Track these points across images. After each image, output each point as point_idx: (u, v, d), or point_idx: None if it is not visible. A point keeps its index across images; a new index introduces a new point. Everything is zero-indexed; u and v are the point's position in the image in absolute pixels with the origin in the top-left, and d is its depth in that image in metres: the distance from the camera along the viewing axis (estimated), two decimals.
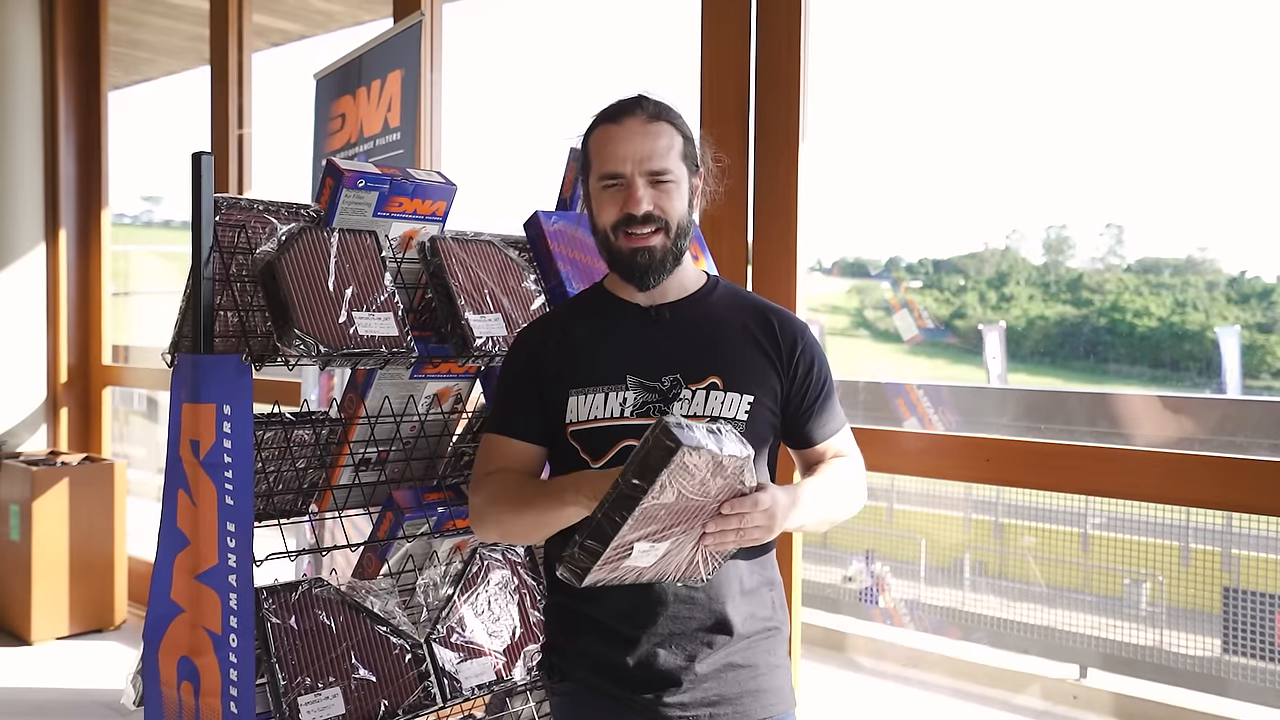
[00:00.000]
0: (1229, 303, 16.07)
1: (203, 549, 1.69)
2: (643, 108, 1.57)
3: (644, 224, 1.55)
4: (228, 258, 1.75)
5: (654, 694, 1.53)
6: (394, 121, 2.76)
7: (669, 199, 1.56)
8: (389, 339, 1.77)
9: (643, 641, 1.54)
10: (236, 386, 1.69)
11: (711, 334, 1.61)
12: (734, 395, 1.57)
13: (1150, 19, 22.05)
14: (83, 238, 5.08)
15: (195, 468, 1.69)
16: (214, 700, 1.68)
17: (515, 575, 2.09)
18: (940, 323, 17.11)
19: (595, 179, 1.59)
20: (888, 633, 6.39)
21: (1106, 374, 16.22)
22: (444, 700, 1.90)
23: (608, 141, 1.57)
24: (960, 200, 21.94)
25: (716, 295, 1.67)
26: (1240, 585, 5.48)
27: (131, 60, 6.36)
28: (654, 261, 1.57)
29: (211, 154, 1.70)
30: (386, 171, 1.90)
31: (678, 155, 1.57)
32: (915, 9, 21.10)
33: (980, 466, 2.28)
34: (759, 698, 1.58)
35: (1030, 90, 24.25)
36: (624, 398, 1.55)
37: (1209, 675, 5.31)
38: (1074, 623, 5.94)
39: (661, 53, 13.44)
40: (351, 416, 1.99)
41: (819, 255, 15.94)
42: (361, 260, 1.82)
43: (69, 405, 5.06)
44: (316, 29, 5.65)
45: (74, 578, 4.46)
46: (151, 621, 1.77)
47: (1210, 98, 20.01)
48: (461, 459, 2.18)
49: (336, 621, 1.84)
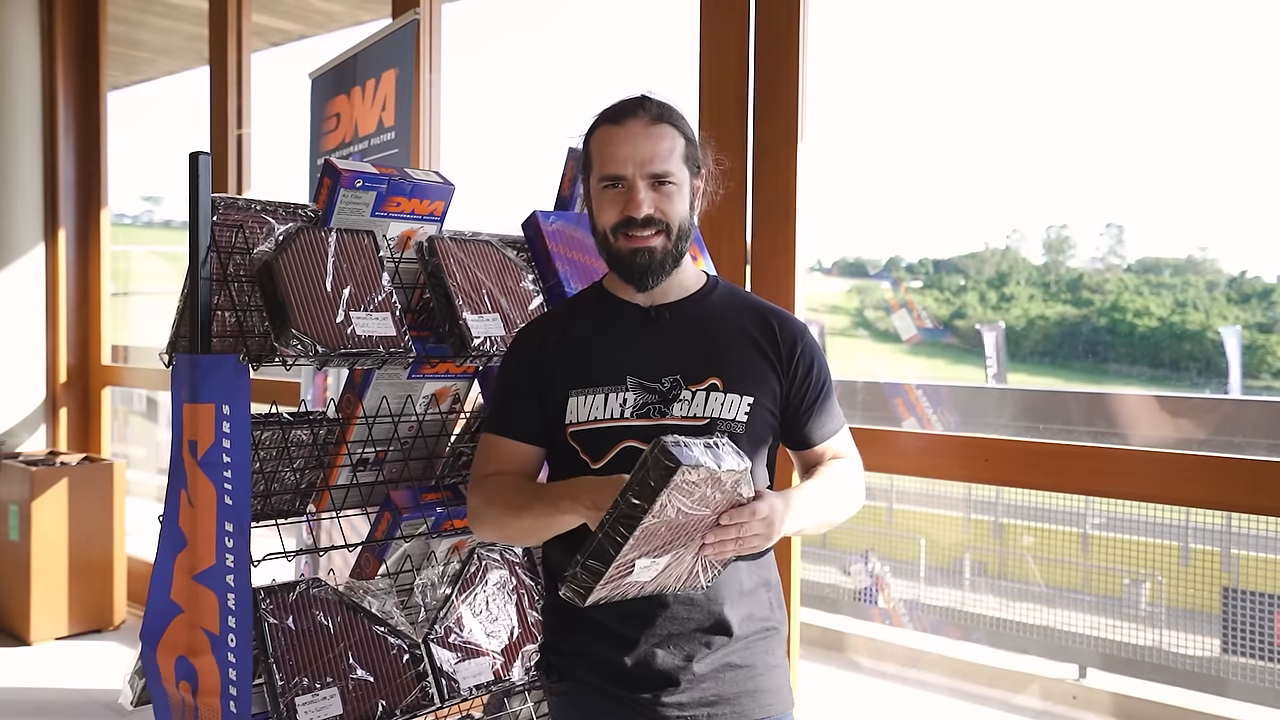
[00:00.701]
0: (1229, 303, 16.07)
1: (200, 549, 1.69)
2: (645, 109, 1.56)
3: (644, 226, 1.54)
4: (225, 258, 1.75)
5: (652, 693, 1.53)
6: (389, 121, 2.76)
7: (670, 202, 1.55)
8: (386, 339, 1.77)
9: (641, 642, 1.54)
10: (234, 386, 1.69)
11: (711, 335, 1.61)
12: (734, 396, 1.56)
13: (1150, 19, 22.05)
14: (82, 238, 5.08)
15: (194, 468, 1.69)
16: (213, 700, 1.68)
17: (513, 575, 2.09)
18: (940, 323, 17.10)
19: (596, 180, 1.59)
20: (887, 633, 6.39)
21: (1106, 374, 16.22)
22: (442, 700, 1.90)
23: (609, 142, 1.56)
24: (960, 200, 21.93)
25: (716, 296, 1.67)
26: (1239, 585, 5.47)
27: (131, 60, 6.36)
28: (653, 262, 1.56)
29: (209, 154, 1.70)
30: (384, 171, 1.90)
31: (679, 158, 1.57)
32: (917, 10, 21.08)
33: (978, 466, 2.28)
34: (757, 698, 1.58)
35: (1030, 90, 24.25)
36: (624, 398, 1.55)
37: (1209, 675, 5.31)
38: (1074, 623, 5.93)
39: (661, 52, 13.43)
40: (349, 417, 1.99)
41: (819, 255, 15.93)
42: (359, 260, 1.82)
43: (68, 405, 5.06)
44: (316, 29, 5.65)
45: (73, 578, 4.46)
46: (150, 621, 1.77)
47: (1211, 97, 20.00)
48: (460, 459, 2.18)
49: (334, 622, 1.84)
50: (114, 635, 4.61)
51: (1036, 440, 2.27)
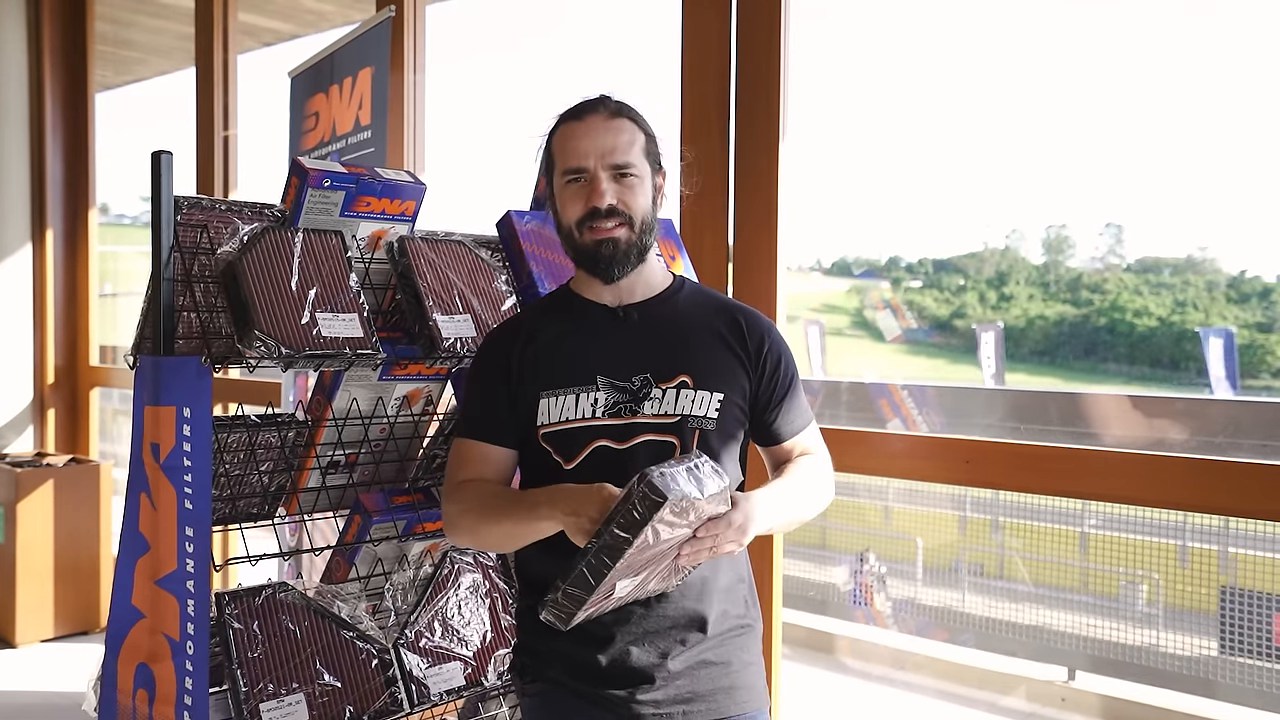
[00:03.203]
0: (1229, 302, 16.05)
1: (162, 554, 1.67)
2: (605, 105, 1.59)
3: (608, 217, 1.56)
4: (190, 258, 1.73)
5: (627, 691, 1.53)
6: (365, 119, 2.73)
7: (632, 193, 1.57)
8: (353, 340, 1.75)
9: (617, 639, 1.54)
10: (197, 388, 1.67)
11: (680, 333, 1.62)
12: (704, 393, 1.57)
13: (1150, 19, 22.03)
14: (70, 238, 5.06)
15: (156, 471, 1.67)
16: (168, 709, 1.66)
17: (486, 579, 2.06)
18: (926, 324, 17.11)
19: (559, 175, 1.60)
20: (881, 635, 6.37)
21: (1106, 374, 16.21)
22: (411, 706, 1.87)
23: (570, 137, 1.58)
24: (960, 200, 21.90)
25: (684, 295, 1.68)
26: (1237, 585, 5.45)
27: (123, 60, 6.34)
28: (618, 253, 1.57)
29: (171, 153, 1.67)
30: (354, 170, 1.88)
31: (640, 151, 1.59)
32: (918, 12, 21.07)
33: (959, 468, 2.25)
34: (732, 694, 1.58)
35: (1031, 90, 24.21)
36: (595, 398, 1.56)
37: (1205, 677, 5.28)
38: (1068, 623, 5.91)
39: (642, 51, 13.46)
40: (318, 419, 1.96)
41: (819, 255, 15.92)
42: (326, 261, 1.80)
43: (56, 406, 5.04)
44: (308, 28, 5.63)
45: (59, 580, 4.44)
46: (113, 627, 1.74)
47: (1211, 97, 19.96)
48: (434, 462, 2.15)
49: (301, 627, 1.81)
50: (100, 637, 4.58)
51: (1017, 441, 2.24)
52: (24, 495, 4.32)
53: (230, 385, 4.00)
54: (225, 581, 3.75)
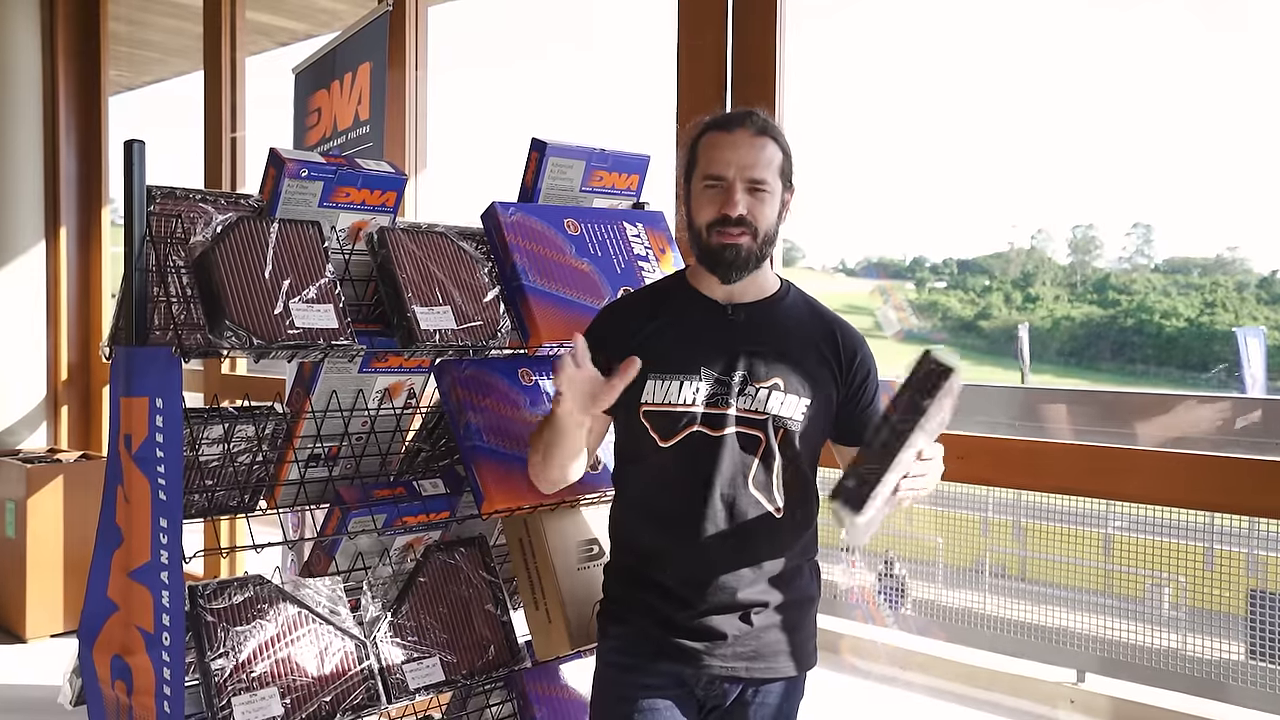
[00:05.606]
0: (1259, 303, 15.81)
1: (136, 546, 1.66)
2: (753, 121, 1.71)
3: (736, 225, 1.67)
4: (163, 248, 1.72)
5: (704, 645, 1.68)
6: (364, 114, 2.73)
7: (762, 207, 1.69)
8: (328, 331, 1.73)
9: (697, 604, 1.68)
10: (167, 379, 1.66)
11: (781, 338, 1.74)
12: (793, 397, 1.70)
13: (1178, 18, 21.79)
14: (83, 236, 5.09)
15: (129, 463, 1.66)
16: (147, 699, 1.65)
17: (469, 573, 2.04)
18: (934, 328, 16.98)
19: (699, 178, 1.71)
20: (899, 636, 6.30)
21: (1134, 375, 16.01)
22: (389, 700, 1.85)
23: (716, 146, 1.69)
24: (986, 200, 21.75)
25: (789, 301, 1.80)
26: (1267, 589, 5.36)
27: (141, 60, 6.38)
28: (739, 258, 1.69)
29: (143, 142, 1.66)
30: (332, 161, 1.86)
31: (775, 169, 1.70)
32: (947, 14, 20.96)
33: (953, 464, 2.20)
34: (791, 658, 1.74)
35: (1058, 90, 24.02)
36: (697, 387, 1.69)
37: (1232, 683, 5.19)
38: (1086, 625, 5.82)
39: (638, 51, 13.44)
40: (298, 411, 1.95)
41: (843, 255, 15.83)
42: (302, 251, 1.78)
43: (69, 403, 5.07)
44: (322, 28, 5.64)
45: (69, 575, 4.45)
46: (86, 619, 1.74)
47: (1240, 95, 19.70)
48: (418, 456, 2.14)
49: (277, 620, 1.80)
50: None
51: (1012, 438, 2.21)
52: (34, 490, 4.35)
53: (235, 380, 4.01)
54: (233, 572, 3.74)
